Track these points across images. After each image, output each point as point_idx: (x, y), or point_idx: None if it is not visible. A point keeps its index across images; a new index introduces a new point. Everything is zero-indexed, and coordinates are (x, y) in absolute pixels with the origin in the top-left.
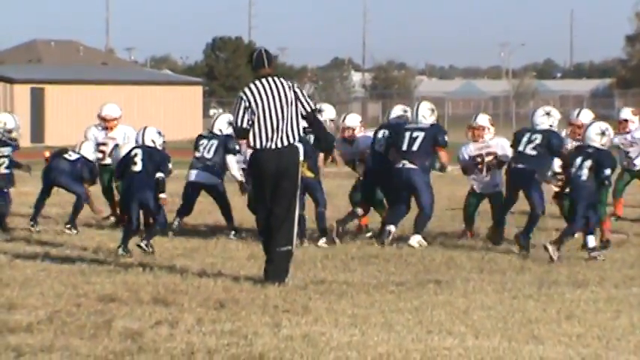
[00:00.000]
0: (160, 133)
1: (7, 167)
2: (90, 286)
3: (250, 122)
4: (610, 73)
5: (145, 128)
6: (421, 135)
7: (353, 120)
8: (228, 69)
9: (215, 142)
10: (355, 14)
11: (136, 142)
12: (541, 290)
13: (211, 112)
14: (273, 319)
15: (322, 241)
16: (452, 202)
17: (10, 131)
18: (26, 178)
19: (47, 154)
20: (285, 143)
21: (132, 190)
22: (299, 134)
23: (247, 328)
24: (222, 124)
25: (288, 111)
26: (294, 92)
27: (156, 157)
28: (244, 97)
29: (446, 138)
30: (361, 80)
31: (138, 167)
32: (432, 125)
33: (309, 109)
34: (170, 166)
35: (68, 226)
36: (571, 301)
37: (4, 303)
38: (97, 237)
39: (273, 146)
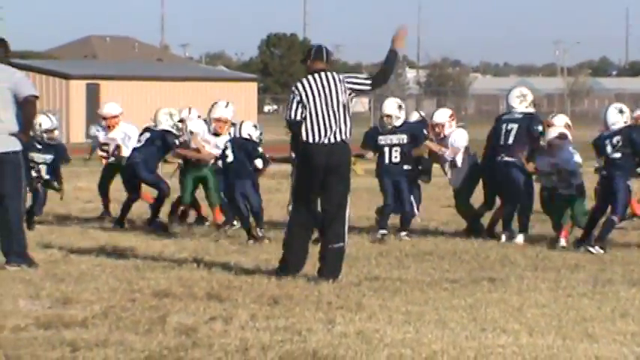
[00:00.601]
0: (255, 126)
1: (47, 172)
2: (144, 281)
3: (303, 115)
4: None
5: (241, 122)
6: (515, 127)
7: (442, 115)
8: (283, 65)
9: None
10: (410, 11)
11: (233, 135)
12: (595, 288)
13: (266, 108)
14: (326, 315)
15: (404, 234)
16: None
17: (49, 131)
18: (81, 173)
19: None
20: (337, 139)
21: (229, 180)
22: (350, 132)
23: (301, 325)
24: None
25: (339, 107)
26: (346, 84)
27: (247, 147)
28: (296, 92)
29: (539, 128)
30: (415, 77)
31: (230, 158)
32: (525, 115)
33: (365, 80)
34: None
35: (173, 224)
36: (626, 299)
37: (59, 298)
38: (151, 232)
39: (325, 141)
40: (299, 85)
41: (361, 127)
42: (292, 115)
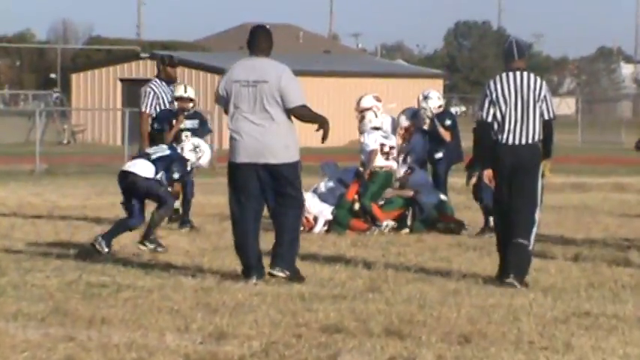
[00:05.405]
0: None
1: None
2: (312, 314)
3: (494, 116)
4: None
5: None
6: None
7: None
8: (473, 59)
9: None
10: None
11: None
12: None
13: (453, 109)
14: (528, 357)
15: None
16: None
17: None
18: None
19: None
20: (524, 141)
21: None
22: (540, 134)
23: None
24: None
25: (532, 109)
26: (543, 94)
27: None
28: (488, 91)
29: None
30: (632, 74)
31: None
32: None
33: (547, 117)
34: None
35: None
36: None
37: (212, 332)
38: (320, 258)
39: (511, 142)
40: (492, 83)
41: (567, 131)
42: (484, 116)
